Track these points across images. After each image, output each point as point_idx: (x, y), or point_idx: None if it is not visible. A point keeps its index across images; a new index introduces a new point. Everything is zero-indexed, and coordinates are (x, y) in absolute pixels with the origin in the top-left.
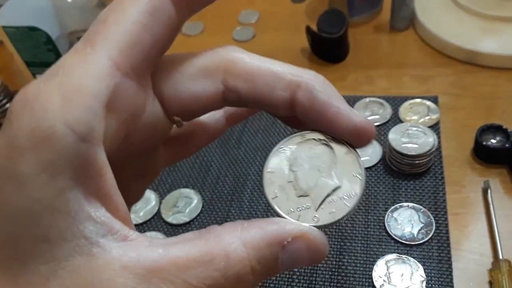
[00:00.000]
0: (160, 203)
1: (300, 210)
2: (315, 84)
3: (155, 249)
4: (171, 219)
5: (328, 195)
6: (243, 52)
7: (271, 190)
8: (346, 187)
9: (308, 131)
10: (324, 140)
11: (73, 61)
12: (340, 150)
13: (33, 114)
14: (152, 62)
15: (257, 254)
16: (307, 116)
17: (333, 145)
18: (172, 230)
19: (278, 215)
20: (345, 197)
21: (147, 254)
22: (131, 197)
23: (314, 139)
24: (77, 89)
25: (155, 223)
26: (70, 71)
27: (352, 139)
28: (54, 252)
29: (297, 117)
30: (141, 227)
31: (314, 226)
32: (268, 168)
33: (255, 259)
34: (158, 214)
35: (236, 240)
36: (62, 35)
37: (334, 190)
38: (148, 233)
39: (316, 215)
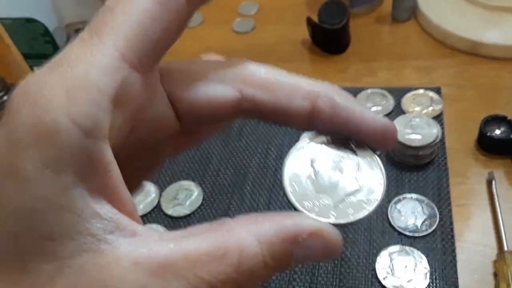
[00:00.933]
0: (160, 195)
1: (318, 206)
2: (334, 92)
3: (165, 243)
4: (171, 211)
5: (347, 196)
6: (259, 64)
7: (290, 183)
8: (367, 191)
9: (333, 134)
10: (349, 144)
11: (78, 52)
12: (364, 155)
13: (36, 107)
14: (160, 55)
15: (271, 249)
16: (331, 123)
17: (358, 149)
18: (173, 222)
19: (295, 209)
20: (365, 200)
21: (158, 249)
22: (134, 189)
23: (339, 141)
24: (83, 82)
25: (155, 215)
26: (75, 62)
27: (379, 141)
28: (59, 250)
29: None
30: (141, 220)
31: (330, 223)
32: (289, 161)
33: (269, 255)
34: (158, 206)
35: (250, 235)
36: (60, 27)
37: (355, 192)
38: (148, 225)
39: (334, 213)
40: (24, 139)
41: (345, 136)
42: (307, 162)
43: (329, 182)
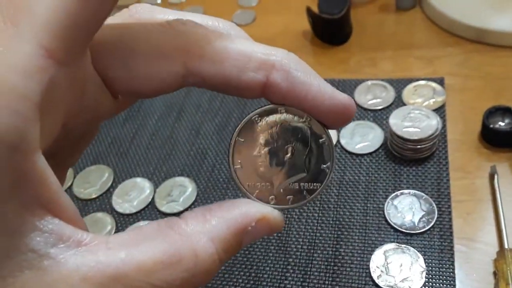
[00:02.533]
0: (155, 192)
1: (259, 187)
2: (290, 63)
3: (116, 253)
4: (164, 208)
5: (290, 180)
6: (205, 28)
7: (237, 160)
8: (311, 177)
9: (288, 106)
10: (304, 119)
11: None
12: (316, 135)
13: None
14: (90, 39)
15: (224, 245)
16: (285, 98)
17: (312, 126)
18: None
19: (237, 187)
20: (306, 187)
21: (108, 261)
22: (70, 165)
23: (293, 116)
24: (2, 90)
25: (149, 212)
26: None
27: (335, 118)
28: None
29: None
30: (135, 217)
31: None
32: (238, 136)
33: (223, 251)
34: (152, 203)
35: (203, 236)
36: None
37: (299, 177)
38: (141, 223)
39: (273, 196)
40: None
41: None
42: (257, 139)
43: (275, 164)
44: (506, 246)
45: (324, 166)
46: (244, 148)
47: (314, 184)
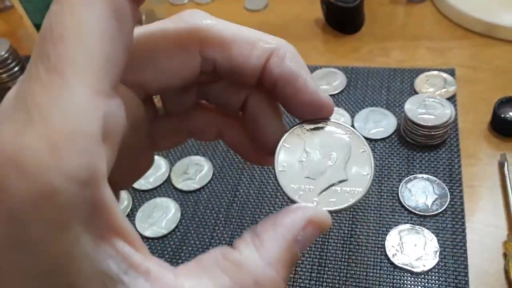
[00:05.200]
0: (171, 170)
1: (302, 189)
2: (287, 53)
3: (182, 284)
4: (181, 185)
5: (333, 184)
6: (211, 17)
7: (281, 163)
8: (353, 183)
9: (332, 120)
10: (345, 131)
11: (44, 98)
12: (357, 146)
13: (24, 176)
14: (124, 66)
15: (282, 264)
16: (275, 84)
17: (353, 138)
18: (183, 196)
19: (281, 189)
20: (348, 191)
21: None
22: (123, 186)
23: (336, 127)
24: (67, 134)
25: (165, 189)
26: (48, 112)
27: (310, 112)
28: None
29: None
30: (151, 193)
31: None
32: (283, 141)
33: (282, 269)
34: (168, 180)
35: (260, 264)
36: None
37: (341, 181)
38: (158, 199)
39: (316, 199)
40: (22, 212)
41: (343, 123)
42: (301, 145)
43: (317, 169)
44: None
45: (365, 173)
46: (289, 153)
47: (356, 189)
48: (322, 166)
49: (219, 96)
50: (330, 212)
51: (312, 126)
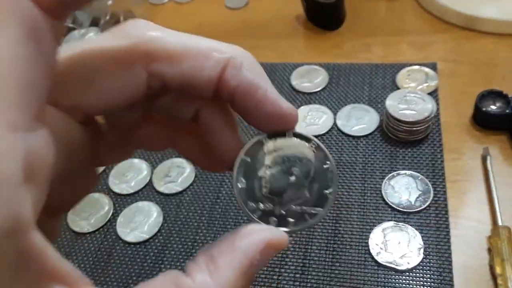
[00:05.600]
0: (152, 172)
1: (261, 208)
2: (243, 62)
3: None
4: (163, 188)
5: (293, 203)
6: (160, 29)
7: (241, 177)
8: (313, 202)
9: (298, 131)
10: (310, 144)
11: None
12: (321, 161)
13: None
14: (48, 91)
15: (238, 286)
16: (233, 96)
17: (317, 152)
18: (165, 199)
19: (240, 206)
20: (308, 211)
21: None
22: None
23: (301, 139)
24: None
25: (147, 192)
26: None
27: (274, 124)
28: None
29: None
30: (133, 197)
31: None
32: (244, 153)
33: None
34: (150, 183)
35: None
36: None
37: (301, 200)
38: (140, 203)
39: (275, 219)
40: None
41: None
42: (261, 159)
43: (278, 186)
44: (500, 224)
45: (327, 191)
46: (250, 168)
47: (316, 208)
48: (282, 183)
49: (168, 109)
50: (288, 232)
51: (274, 138)
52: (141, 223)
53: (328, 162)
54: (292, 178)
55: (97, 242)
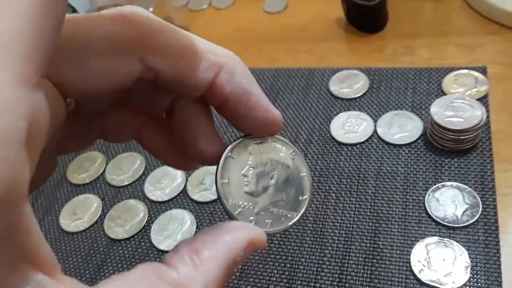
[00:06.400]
0: (186, 180)
1: (241, 206)
2: (236, 67)
3: None
4: (197, 196)
5: (271, 205)
6: (160, 21)
7: (225, 175)
8: (290, 205)
9: (279, 137)
10: (290, 151)
11: None
12: (298, 168)
13: None
14: (54, 48)
15: (218, 284)
16: (225, 101)
17: (295, 159)
18: (198, 207)
19: (221, 202)
20: (284, 214)
21: None
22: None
23: (282, 145)
24: None
25: (181, 200)
26: None
27: (263, 129)
28: None
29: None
30: (167, 204)
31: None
32: (230, 152)
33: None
34: (184, 191)
35: (197, 284)
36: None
37: (279, 203)
38: (174, 211)
39: (253, 218)
40: None
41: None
42: (246, 159)
43: (259, 187)
44: None
45: (302, 198)
46: (234, 165)
47: (292, 212)
48: (263, 184)
49: (142, 98)
50: (266, 233)
51: (259, 141)
52: (174, 231)
53: (305, 171)
54: (272, 181)
55: (132, 249)
